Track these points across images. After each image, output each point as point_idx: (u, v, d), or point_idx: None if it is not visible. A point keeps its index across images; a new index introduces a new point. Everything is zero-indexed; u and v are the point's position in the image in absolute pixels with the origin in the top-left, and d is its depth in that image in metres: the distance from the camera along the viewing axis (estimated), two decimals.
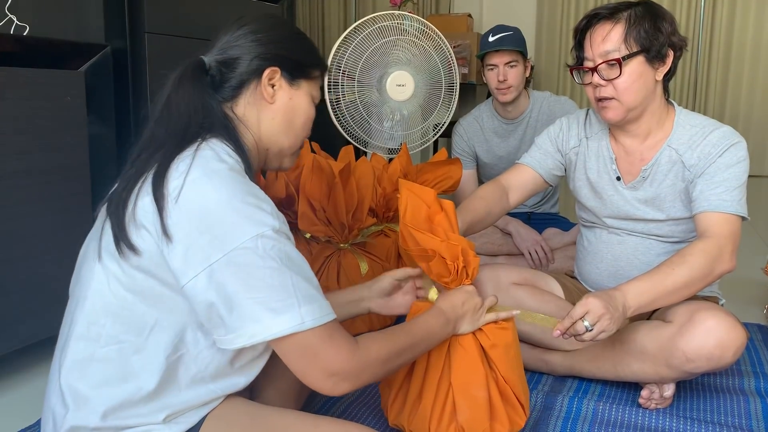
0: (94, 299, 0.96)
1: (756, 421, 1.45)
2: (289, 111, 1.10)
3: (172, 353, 0.95)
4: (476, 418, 1.21)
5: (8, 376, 1.69)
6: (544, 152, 1.72)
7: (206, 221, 0.88)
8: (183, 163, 0.94)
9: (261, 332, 0.88)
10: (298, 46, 1.12)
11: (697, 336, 1.36)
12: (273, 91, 1.08)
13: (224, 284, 0.88)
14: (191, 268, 0.89)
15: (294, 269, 0.91)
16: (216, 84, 1.06)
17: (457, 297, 1.24)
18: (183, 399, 0.97)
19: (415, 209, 1.26)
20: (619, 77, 1.44)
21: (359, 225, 1.91)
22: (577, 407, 1.49)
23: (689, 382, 1.60)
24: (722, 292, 1.66)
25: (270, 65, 1.07)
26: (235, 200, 0.90)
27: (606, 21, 1.45)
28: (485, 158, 2.63)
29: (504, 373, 1.24)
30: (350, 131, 2.39)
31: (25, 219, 1.60)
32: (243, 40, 1.07)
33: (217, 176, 0.91)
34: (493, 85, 2.45)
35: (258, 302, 0.88)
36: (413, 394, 1.26)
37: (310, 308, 0.90)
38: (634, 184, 1.57)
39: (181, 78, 1.03)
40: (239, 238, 0.88)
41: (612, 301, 1.31)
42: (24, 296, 1.60)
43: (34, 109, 1.61)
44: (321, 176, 1.84)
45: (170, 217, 0.90)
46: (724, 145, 1.46)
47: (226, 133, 1.02)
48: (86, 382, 0.95)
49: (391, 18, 2.33)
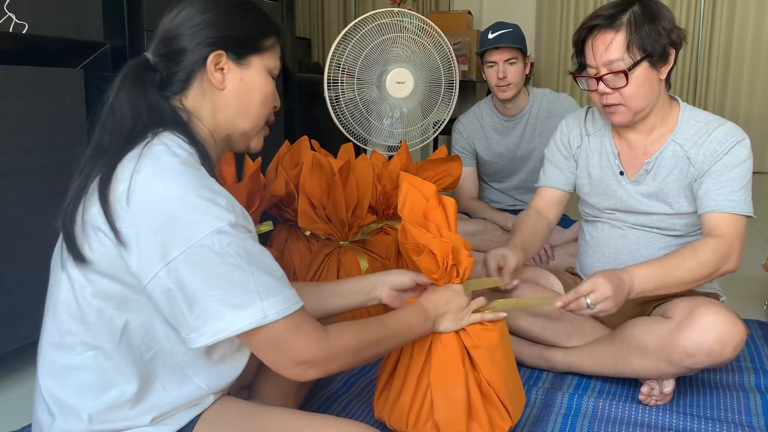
0: (63, 308, 0.95)
1: (756, 417, 1.45)
2: (243, 93, 1.04)
3: (145, 352, 0.95)
4: (452, 417, 1.20)
5: (8, 375, 1.69)
6: (555, 165, 1.74)
7: (160, 219, 0.87)
8: (129, 164, 0.91)
9: (224, 329, 0.88)
10: (242, 20, 1.05)
11: (696, 331, 1.36)
12: (222, 76, 1.03)
13: (184, 282, 0.87)
14: (150, 268, 0.87)
15: (254, 263, 0.89)
16: (163, 80, 1.02)
17: (441, 295, 1.23)
18: (169, 398, 0.97)
19: (413, 203, 1.25)
20: (625, 86, 1.44)
21: (359, 222, 1.91)
22: (577, 404, 1.49)
23: (689, 378, 1.60)
24: (722, 289, 1.67)
25: (213, 50, 1.01)
26: (189, 195, 0.87)
27: (607, 29, 1.44)
28: (485, 155, 2.63)
29: (487, 376, 1.22)
30: (350, 129, 2.39)
31: (25, 217, 1.60)
32: (182, 28, 1.02)
33: (168, 172, 0.89)
34: (493, 83, 2.45)
35: (218, 299, 0.87)
36: (396, 389, 1.26)
37: (272, 301, 0.89)
38: (637, 178, 1.57)
39: (123, 80, 1.00)
40: (195, 234, 0.86)
41: (620, 285, 1.34)
42: (23, 294, 1.60)
43: (34, 107, 1.61)
44: (321, 174, 1.84)
45: (123, 221, 0.88)
46: (730, 143, 1.46)
47: (178, 126, 0.98)
48: (67, 391, 0.95)
49: (391, 15, 2.33)
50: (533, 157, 2.57)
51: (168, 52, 1.02)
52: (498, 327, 1.26)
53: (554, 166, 1.74)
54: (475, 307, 1.25)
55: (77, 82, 1.71)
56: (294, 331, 0.92)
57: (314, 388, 1.53)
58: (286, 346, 0.93)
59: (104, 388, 0.94)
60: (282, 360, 0.94)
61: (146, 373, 0.95)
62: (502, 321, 1.28)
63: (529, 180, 2.64)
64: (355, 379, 1.62)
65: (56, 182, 1.67)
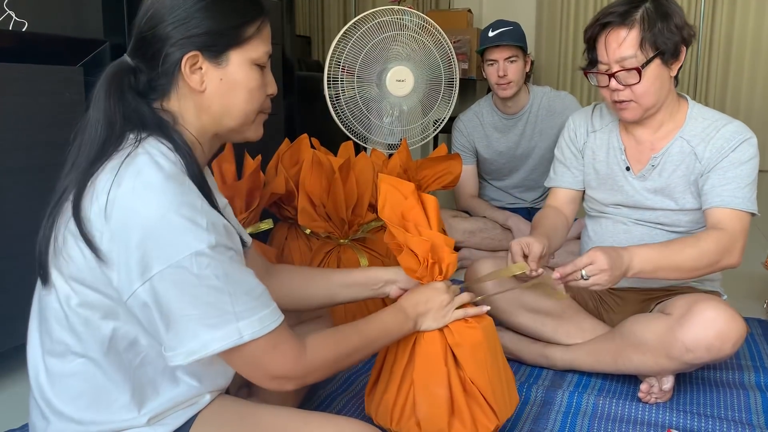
0: (52, 317, 0.95)
1: (756, 415, 1.45)
2: (225, 93, 0.98)
3: (134, 358, 0.95)
4: (434, 414, 1.20)
5: (7, 373, 1.69)
6: (564, 165, 1.74)
7: (140, 236, 0.84)
8: (108, 175, 0.88)
9: (198, 350, 0.87)
10: (213, 14, 0.95)
11: (696, 326, 1.36)
12: (200, 77, 0.96)
13: (160, 301, 0.86)
14: (130, 284, 0.86)
15: (232, 284, 0.88)
16: (146, 84, 0.98)
17: (422, 294, 1.22)
18: (164, 399, 0.97)
19: (393, 203, 1.25)
20: (637, 83, 1.45)
21: (359, 220, 1.90)
22: (577, 402, 1.49)
23: (689, 376, 1.60)
24: (723, 286, 1.66)
25: (185, 52, 0.94)
26: (169, 214, 0.85)
27: (620, 26, 1.44)
28: (485, 153, 2.63)
29: (470, 374, 1.22)
30: (350, 127, 2.39)
31: (23, 215, 1.60)
32: (154, 29, 0.95)
33: (149, 188, 0.86)
34: (493, 81, 2.44)
35: (194, 319, 0.86)
36: (382, 385, 1.27)
37: (249, 322, 0.89)
38: (643, 173, 1.58)
39: (101, 86, 0.96)
40: (174, 255, 0.84)
41: (617, 260, 1.35)
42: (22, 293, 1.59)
43: (33, 105, 1.60)
44: (320, 172, 1.83)
45: (102, 236, 0.87)
46: (737, 140, 1.47)
47: (161, 131, 0.94)
48: (60, 398, 0.95)
49: (391, 13, 2.32)
50: (533, 155, 2.57)
51: (143, 54, 0.97)
52: (482, 325, 1.24)
53: (563, 166, 1.74)
54: (459, 304, 1.25)
55: (77, 80, 1.71)
56: (271, 350, 0.93)
57: (313, 387, 1.53)
58: (263, 364, 0.94)
59: (96, 395, 0.94)
60: (259, 375, 0.95)
61: (137, 379, 0.95)
62: (487, 320, 1.27)
63: (529, 178, 2.64)
64: (354, 377, 1.62)
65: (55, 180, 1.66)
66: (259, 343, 0.91)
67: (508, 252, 1.50)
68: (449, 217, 2.55)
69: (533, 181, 2.64)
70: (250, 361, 0.93)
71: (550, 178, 1.78)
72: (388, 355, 1.27)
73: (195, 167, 0.95)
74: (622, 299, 1.67)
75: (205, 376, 1.00)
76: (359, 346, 1.08)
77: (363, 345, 1.09)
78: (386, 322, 1.17)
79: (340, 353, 1.03)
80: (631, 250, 1.39)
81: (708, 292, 1.59)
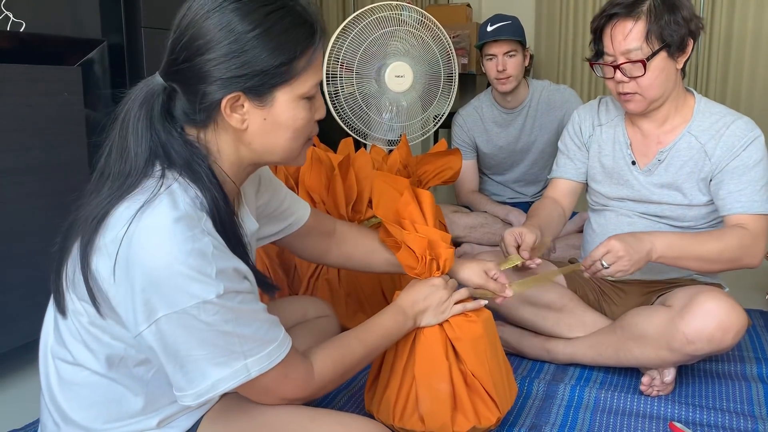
0: (65, 329, 0.95)
1: (758, 406, 1.45)
2: (268, 132, 0.91)
3: (146, 372, 0.95)
4: (437, 409, 1.21)
5: (10, 373, 1.69)
6: (567, 157, 1.75)
7: (145, 283, 0.82)
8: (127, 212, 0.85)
9: (208, 391, 0.87)
10: (259, 51, 0.86)
11: (697, 318, 1.36)
12: (241, 117, 0.90)
13: (168, 342, 0.85)
14: (136, 326, 0.85)
15: (240, 327, 0.87)
16: (179, 112, 0.91)
17: (420, 291, 1.23)
18: (175, 405, 0.97)
19: (388, 200, 1.26)
20: (643, 75, 1.44)
21: (359, 217, 1.90)
22: (579, 395, 1.49)
23: (691, 368, 1.60)
24: (724, 279, 1.66)
25: (226, 93, 0.87)
26: (176, 264, 0.81)
27: (626, 18, 1.43)
28: (485, 148, 2.62)
29: (471, 367, 1.23)
30: (349, 123, 2.38)
31: (24, 215, 1.60)
32: (192, 62, 0.86)
33: (155, 234, 0.82)
34: (492, 75, 2.44)
35: (202, 359, 0.86)
36: (383, 382, 1.28)
37: (257, 359, 0.89)
38: (649, 167, 1.58)
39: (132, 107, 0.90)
40: (180, 303, 0.82)
41: (636, 244, 1.38)
42: (24, 293, 1.60)
43: (32, 106, 1.60)
44: (320, 169, 1.83)
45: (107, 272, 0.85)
46: (748, 138, 1.47)
47: (189, 169, 0.89)
48: (72, 405, 0.96)
49: (390, 9, 2.32)
50: (533, 149, 2.57)
51: (180, 81, 0.89)
52: (482, 318, 1.25)
53: (566, 158, 1.75)
54: (458, 299, 1.25)
55: (75, 80, 1.71)
56: (282, 380, 0.94)
57: None
58: (274, 392, 0.96)
59: (108, 405, 0.95)
60: (270, 399, 0.98)
61: (150, 391, 0.96)
62: (486, 313, 1.28)
63: (529, 172, 2.64)
64: (354, 376, 1.62)
65: (55, 180, 1.67)
66: (269, 376, 0.92)
67: (501, 241, 1.51)
68: (450, 213, 2.55)
69: (533, 176, 2.64)
70: (262, 392, 0.95)
71: (553, 170, 1.79)
72: (388, 352, 1.27)
73: (221, 206, 0.90)
74: (625, 292, 1.67)
75: None
76: (364, 355, 1.10)
77: (367, 353, 1.12)
78: (387, 326, 1.18)
79: (346, 367, 1.06)
80: (653, 234, 1.42)
81: (710, 285, 1.59)
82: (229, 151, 0.93)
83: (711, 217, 1.55)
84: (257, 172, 1.13)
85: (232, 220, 0.93)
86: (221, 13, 0.85)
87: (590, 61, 1.55)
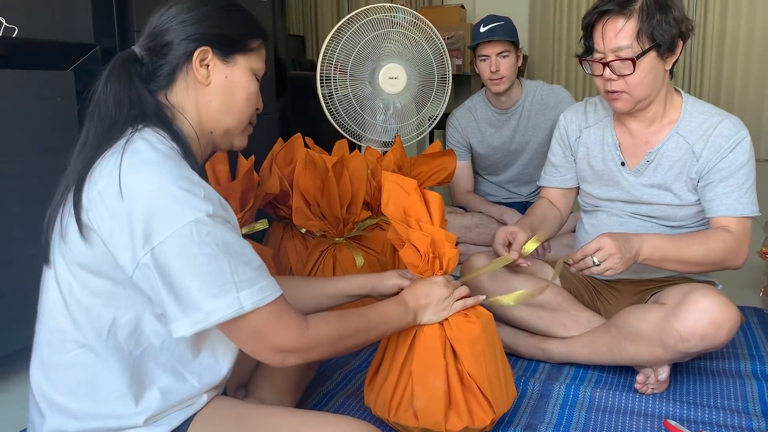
0: (51, 306, 0.96)
1: (752, 403, 1.45)
2: (227, 90, 1.05)
3: (134, 349, 0.96)
4: (431, 406, 1.22)
5: (8, 377, 1.69)
6: (554, 165, 1.76)
7: (140, 209, 0.88)
8: (109, 161, 0.92)
9: (202, 320, 0.89)
10: (229, 19, 1.06)
11: (690, 315, 1.37)
12: (207, 72, 1.04)
13: (164, 271, 0.88)
14: (134, 256, 0.89)
15: (231, 254, 0.91)
16: (149, 73, 1.03)
17: (422, 288, 1.25)
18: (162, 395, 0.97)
19: (396, 200, 1.27)
20: (631, 74, 1.44)
21: (354, 219, 1.90)
22: (574, 394, 1.49)
23: (686, 366, 1.61)
24: (718, 276, 1.67)
25: (199, 45, 1.02)
26: (167, 185, 0.89)
27: (618, 15, 1.43)
28: (479, 149, 2.63)
29: (468, 367, 1.24)
30: (344, 125, 2.39)
31: (18, 220, 1.60)
32: (170, 23, 1.03)
33: (145, 164, 0.90)
34: (486, 76, 2.45)
35: (196, 289, 0.89)
36: (381, 377, 1.29)
37: (249, 292, 0.91)
38: (638, 168, 1.58)
39: (110, 73, 1.00)
40: (174, 224, 0.87)
41: (626, 243, 1.39)
42: (19, 298, 1.60)
43: (25, 110, 1.60)
44: (314, 171, 1.84)
45: (103, 215, 0.90)
46: (735, 139, 1.48)
47: (160, 122, 0.99)
48: (57, 390, 0.96)
49: (383, 11, 2.32)
50: (528, 149, 2.58)
51: (154, 46, 1.03)
52: (481, 320, 1.26)
53: (552, 167, 1.77)
54: (459, 297, 1.27)
55: (68, 84, 1.71)
56: (274, 321, 0.95)
57: (311, 386, 1.53)
58: (267, 336, 0.95)
59: (94, 385, 0.95)
60: (262, 348, 0.97)
61: (136, 371, 0.96)
62: (487, 315, 1.29)
63: (524, 172, 2.64)
64: (351, 375, 1.63)
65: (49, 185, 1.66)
66: (262, 314, 0.93)
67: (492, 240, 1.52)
68: (445, 213, 2.55)
69: (528, 176, 2.65)
70: (254, 332, 0.94)
71: (542, 177, 1.82)
72: (388, 347, 1.29)
73: (191, 157, 0.98)
74: (618, 291, 1.67)
75: (204, 372, 1.01)
76: (360, 327, 1.10)
77: (363, 328, 1.11)
78: (387, 310, 1.19)
79: (340, 332, 1.05)
80: (640, 236, 1.43)
81: (703, 282, 1.59)
82: (192, 111, 1.04)
83: (701, 216, 1.56)
84: None
85: (204, 174, 0.99)
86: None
87: (580, 57, 1.55)
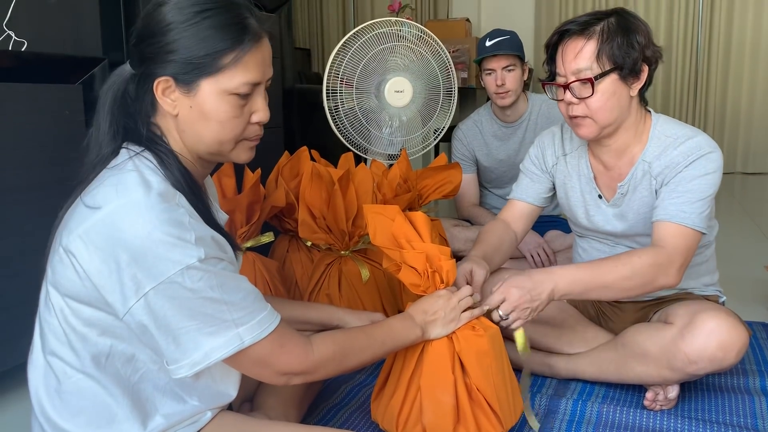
0: (49, 332, 0.96)
1: (762, 420, 1.44)
2: (195, 121, 0.96)
3: (132, 374, 0.95)
4: (440, 421, 1.22)
5: (11, 392, 1.69)
6: (529, 179, 1.69)
7: (129, 256, 0.85)
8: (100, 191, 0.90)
9: (202, 360, 0.89)
10: (190, 41, 0.92)
11: (698, 338, 1.35)
12: (172, 102, 0.96)
13: (158, 316, 0.87)
14: (125, 301, 0.87)
15: (227, 292, 0.89)
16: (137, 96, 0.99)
17: (428, 303, 1.24)
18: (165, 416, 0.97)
19: (383, 229, 1.28)
20: (591, 96, 1.39)
21: (360, 232, 1.90)
22: (581, 410, 1.48)
23: (694, 382, 1.59)
24: (725, 290, 1.65)
25: (156, 77, 0.94)
26: (156, 233, 0.85)
27: (578, 37, 1.39)
28: (485, 162, 2.63)
29: (476, 381, 1.23)
30: (350, 138, 2.39)
31: (25, 233, 1.60)
32: (141, 45, 0.95)
33: (135, 208, 0.87)
34: (492, 90, 2.45)
35: (193, 330, 0.88)
36: (389, 391, 1.28)
37: (248, 327, 0.91)
38: (614, 201, 1.54)
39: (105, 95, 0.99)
40: (165, 272, 0.85)
41: (536, 287, 1.32)
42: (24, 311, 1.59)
43: (34, 124, 1.61)
44: (320, 184, 1.84)
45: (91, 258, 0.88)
46: (695, 156, 1.39)
47: (152, 146, 0.96)
48: (60, 414, 0.95)
49: (389, 25, 2.33)
50: None
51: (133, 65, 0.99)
52: (489, 333, 1.26)
53: (528, 179, 1.69)
54: (465, 306, 1.26)
55: (76, 98, 1.72)
56: (278, 349, 0.95)
57: (317, 400, 1.52)
58: (271, 363, 0.95)
59: (96, 411, 0.94)
60: (268, 374, 0.97)
61: (136, 396, 0.95)
62: (494, 328, 1.28)
63: None
64: (357, 390, 1.62)
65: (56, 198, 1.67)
66: (265, 344, 0.92)
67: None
68: (451, 227, 2.55)
69: None
70: (258, 362, 0.94)
71: (513, 190, 1.72)
72: (395, 362, 1.28)
73: (185, 180, 0.95)
74: (620, 309, 1.66)
75: (205, 395, 1.00)
76: (365, 345, 1.09)
77: (368, 346, 1.10)
78: (393, 326, 1.19)
79: (345, 351, 1.05)
80: (554, 273, 1.35)
81: (706, 297, 1.58)
82: (175, 134, 0.99)
83: None
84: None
85: (201, 197, 0.97)
86: (165, 5, 0.94)
87: (543, 81, 1.50)
